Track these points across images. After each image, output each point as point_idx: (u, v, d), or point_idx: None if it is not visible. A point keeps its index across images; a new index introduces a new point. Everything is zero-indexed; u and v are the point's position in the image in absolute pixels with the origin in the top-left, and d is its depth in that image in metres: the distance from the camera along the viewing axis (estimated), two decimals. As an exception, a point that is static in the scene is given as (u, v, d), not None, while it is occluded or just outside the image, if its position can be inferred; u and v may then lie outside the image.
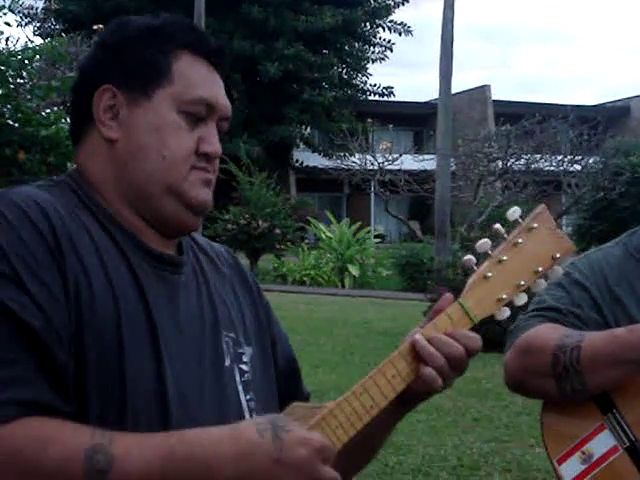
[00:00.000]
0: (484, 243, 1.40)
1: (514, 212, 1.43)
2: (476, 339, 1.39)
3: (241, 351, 1.42)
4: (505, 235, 1.41)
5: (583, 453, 1.85)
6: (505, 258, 1.40)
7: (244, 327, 1.46)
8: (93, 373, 1.22)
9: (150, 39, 1.37)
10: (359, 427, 1.31)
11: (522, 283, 1.41)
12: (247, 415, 1.37)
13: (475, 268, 1.40)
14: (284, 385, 1.53)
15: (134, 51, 1.37)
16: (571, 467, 1.85)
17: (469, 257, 1.40)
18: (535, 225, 1.42)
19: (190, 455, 1.17)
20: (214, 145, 1.37)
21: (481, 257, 1.41)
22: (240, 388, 1.39)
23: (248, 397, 1.39)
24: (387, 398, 1.34)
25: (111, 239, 1.31)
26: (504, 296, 1.40)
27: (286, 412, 1.31)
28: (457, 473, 4.56)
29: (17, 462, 1.13)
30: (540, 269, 1.42)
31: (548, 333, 1.88)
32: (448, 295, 1.40)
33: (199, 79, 1.37)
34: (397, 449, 4.96)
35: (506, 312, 1.41)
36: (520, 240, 1.41)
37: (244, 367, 1.41)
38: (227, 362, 1.39)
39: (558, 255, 1.43)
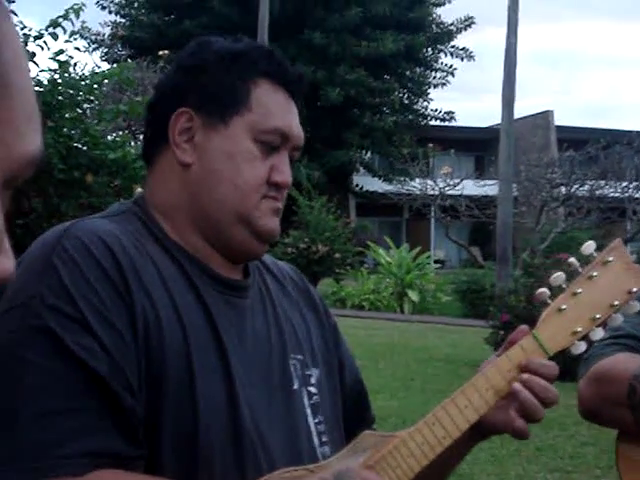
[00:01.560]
0: (558, 276, 1.39)
1: (588, 246, 1.41)
2: (555, 370, 1.37)
3: (309, 373, 1.41)
4: (580, 268, 1.39)
5: (660, 484, 1.79)
6: (580, 291, 1.38)
7: (311, 348, 1.45)
8: (165, 409, 1.21)
9: (231, 64, 1.36)
10: (431, 457, 1.30)
11: (598, 317, 1.39)
12: (316, 440, 1.37)
13: (549, 301, 1.38)
14: (351, 407, 1.51)
15: (214, 76, 1.36)
16: (647, 498, 1.79)
17: (543, 290, 1.38)
18: (610, 259, 1.41)
19: None
20: (285, 175, 1.36)
21: (555, 290, 1.39)
22: (309, 411, 1.38)
23: (317, 420, 1.38)
24: (460, 429, 1.32)
25: (177, 266, 1.31)
26: (579, 329, 1.38)
27: (357, 440, 1.30)
28: (521, 503, 4.47)
29: None
30: (616, 303, 1.39)
31: (625, 362, 1.84)
32: (523, 327, 1.38)
33: (276, 108, 1.36)
34: (459, 477, 4.88)
35: (582, 346, 1.39)
36: (595, 273, 1.39)
37: (312, 389, 1.40)
38: (295, 385, 1.38)
39: (635, 289, 1.41)
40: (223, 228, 1.34)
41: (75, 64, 6.27)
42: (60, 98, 6.01)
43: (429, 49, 33.33)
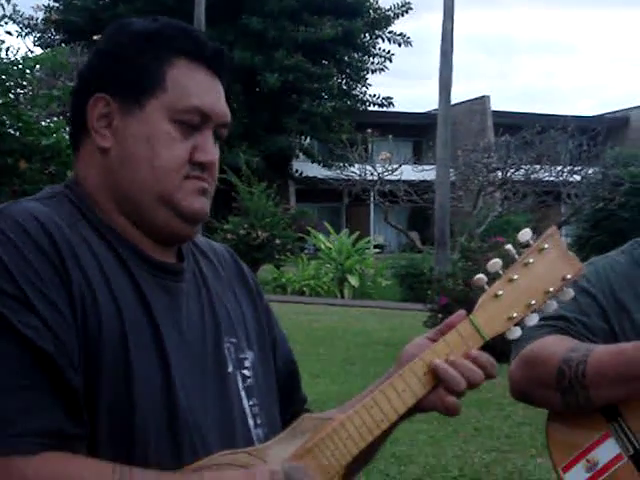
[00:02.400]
0: (495, 263, 1.41)
1: (524, 234, 1.44)
2: (494, 366, 1.39)
3: (243, 356, 1.42)
4: (516, 256, 1.42)
5: (588, 461, 1.84)
6: (516, 277, 1.41)
7: (245, 331, 1.46)
8: (101, 389, 1.21)
9: (145, 46, 1.35)
10: (369, 440, 1.32)
11: (533, 303, 1.42)
12: (251, 421, 1.38)
13: (486, 287, 1.41)
14: (283, 387, 1.53)
15: (127, 59, 1.34)
16: (576, 475, 1.84)
17: (480, 276, 1.41)
18: (546, 246, 1.44)
19: None
20: (209, 154, 1.35)
21: (492, 276, 1.42)
22: (243, 394, 1.39)
23: (251, 403, 1.39)
24: (397, 412, 1.34)
25: (111, 250, 1.31)
26: (515, 315, 1.41)
27: (295, 425, 1.32)
28: (459, 483, 4.55)
29: None
30: (551, 289, 1.43)
31: (555, 345, 1.88)
32: (461, 311, 1.40)
33: (194, 87, 1.34)
34: (398, 459, 4.95)
35: (517, 331, 1.42)
36: (531, 260, 1.42)
37: (246, 372, 1.41)
38: (230, 368, 1.39)
39: (569, 276, 1.44)
40: (146, 210, 1.34)
41: (7, 49, 6.14)
42: (-9, 83, 5.88)
43: (367, 34, 33.41)
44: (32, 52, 6.87)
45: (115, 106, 1.33)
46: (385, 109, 34.78)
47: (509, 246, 1.42)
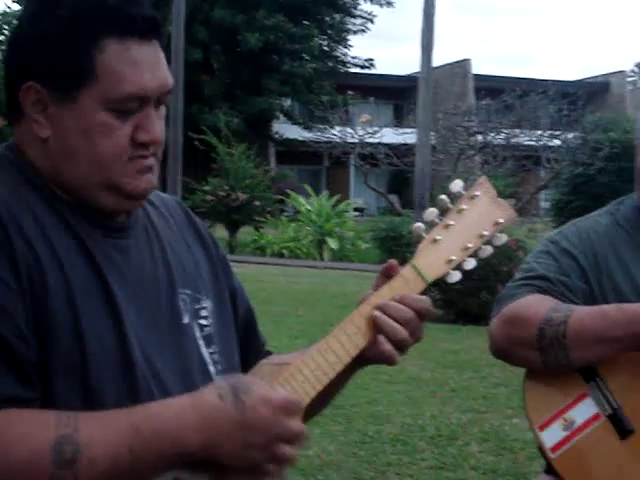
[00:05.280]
0: (431, 212, 1.47)
1: (456, 184, 1.50)
2: (425, 300, 1.43)
3: (199, 306, 1.42)
4: (450, 204, 1.48)
5: (565, 420, 1.87)
6: (452, 223, 1.47)
7: (201, 281, 1.46)
8: (53, 352, 1.22)
9: (70, 31, 1.26)
10: (325, 382, 1.36)
11: (469, 246, 1.48)
12: (212, 368, 1.39)
13: (424, 235, 1.47)
14: (243, 335, 1.54)
15: (53, 47, 1.26)
16: (553, 434, 1.87)
17: (418, 224, 1.47)
18: (477, 193, 1.50)
19: (155, 430, 1.19)
20: (151, 132, 1.30)
21: (429, 225, 1.48)
22: (201, 343, 1.40)
23: (211, 350, 1.40)
24: (350, 354, 1.39)
25: (56, 213, 1.29)
26: (453, 257, 1.47)
27: (254, 371, 1.37)
28: (435, 443, 4.59)
29: None
30: (485, 233, 1.49)
31: (536, 305, 1.89)
32: (392, 260, 1.46)
33: (127, 70, 1.27)
34: (376, 419, 4.99)
35: (457, 275, 1.48)
36: (464, 207, 1.48)
37: (203, 322, 1.42)
38: (185, 319, 1.39)
39: (501, 220, 1.51)
40: (90, 196, 1.31)
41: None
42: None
43: (348, -5, 33.13)
44: (9, 8, 6.78)
45: (47, 94, 1.28)
46: (366, 71, 34.63)
47: (443, 196, 1.48)
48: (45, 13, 1.29)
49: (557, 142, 20.85)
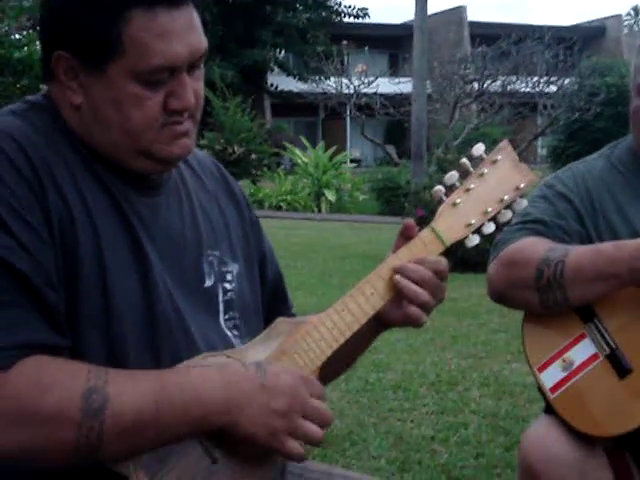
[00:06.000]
0: (452, 175, 1.47)
1: (478, 148, 1.50)
2: (442, 262, 1.44)
3: (226, 269, 1.43)
4: (471, 168, 1.48)
5: (564, 361, 1.89)
6: (472, 187, 1.48)
7: (230, 243, 1.47)
8: (80, 306, 1.23)
9: (96, 4, 1.25)
10: (341, 341, 1.37)
11: (489, 210, 1.48)
12: (228, 332, 1.40)
13: (444, 198, 1.47)
14: (272, 299, 1.55)
15: (80, 20, 1.25)
16: (552, 374, 1.90)
17: (438, 187, 1.47)
18: (499, 157, 1.50)
19: (180, 386, 1.21)
20: (184, 99, 1.29)
21: (449, 189, 1.48)
22: (221, 307, 1.41)
23: (227, 316, 1.41)
24: (366, 314, 1.40)
25: (88, 165, 1.30)
26: (473, 221, 1.47)
27: (271, 327, 1.37)
28: (436, 388, 4.64)
29: (17, 409, 1.16)
30: (505, 197, 1.49)
31: (533, 246, 1.91)
32: (409, 221, 1.46)
33: (155, 42, 1.25)
34: (377, 366, 5.04)
35: (475, 239, 1.48)
36: (485, 171, 1.49)
37: (228, 286, 1.42)
38: (209, 282, 1.40)
39: (522, 185, 1.51)
40: (125, 161, 1.32)
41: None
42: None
43: (341, -57, 32.64)
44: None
45: (78, 63, 1.27)
46: (360, 20, 34.24)
47: (464, 159, 1.48)
48: None
49: (553, 88, 20.71)
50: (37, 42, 6.29)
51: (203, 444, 1.26)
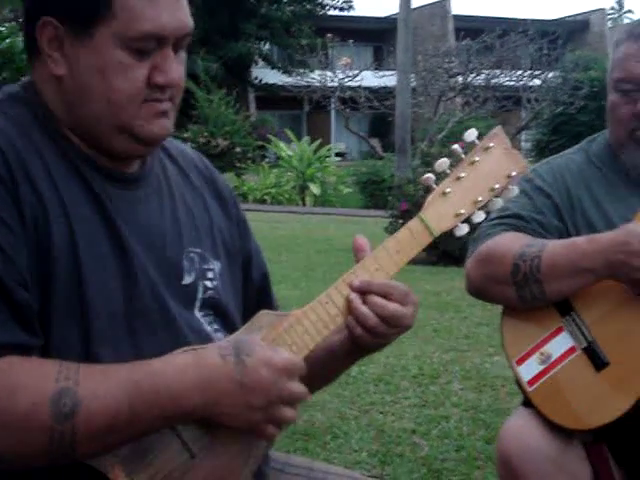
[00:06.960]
0: (443, 162, 1.44)
1: (470, 134, 1.46)
2: (410, 295, 1.40)
3: (207, 267, 1.41)
4: (462, 155, 1.45)
5: (542, 354, 1.90)
6: (463, 175, 1.44)
7: (213, 241, 1.45)
8: (54, 302, 1.22)
9: None
10: (325, 334, 1.35)
11: (480, 199, 1.45)
12: (208, 327, 1.38)
13: (434, 186, 1.44)
14: (256, 301, 1.53)
15: None
16: (530, 367, 1.90)
17: (428, 175, 1.44)
18: (491, 144, 1.46)
19: (155, 387, 1.19)
20: (168, 73, 1.29)
21: (440, 176, 1.44)
22: (197, 304, 1.38)
23: (204, 313, 1.39)
24: None
25: (64, 158, 1.29)
26: (462, 211, 1.44)
27: (253, 320, 1.34)
28: (418, 381, 4.66)
29: None
30: (496, 186, 1.46)
31: (510, 242, 1.92)
32: (359, 237, 1.44)
33: (145, 8, 1.24)
34: (359, 360, 5.05)
35: (464, 229, 1.45)
36: (477, 158, 1.45)
37: (208, 283, 1.40)
38: (189, 279, 1.38)
39: (514, 173, 1.47)
40: (103, 138, 1.30)
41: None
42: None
43: None
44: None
45: (64, 30, 1.26)
46: (345, 13, 34.19)
47: (456, 146, 1.45)
48: None
49: (537, 82, 20.78)
50: (19, 34, 6.26)
51: (181, 438, 1.25)
